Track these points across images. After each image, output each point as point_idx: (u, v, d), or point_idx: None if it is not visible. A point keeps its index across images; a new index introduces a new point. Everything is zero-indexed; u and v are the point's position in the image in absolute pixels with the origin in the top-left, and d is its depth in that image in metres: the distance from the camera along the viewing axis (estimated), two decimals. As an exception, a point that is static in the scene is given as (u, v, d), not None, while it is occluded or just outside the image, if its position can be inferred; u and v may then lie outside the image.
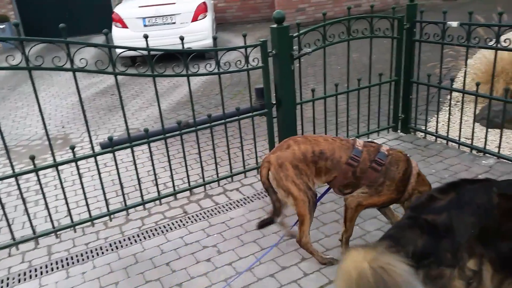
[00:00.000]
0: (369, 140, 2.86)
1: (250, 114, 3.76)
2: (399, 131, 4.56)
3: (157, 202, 3.53)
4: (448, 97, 4.96)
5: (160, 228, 3.26)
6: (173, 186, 3.54)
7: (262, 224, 2.85)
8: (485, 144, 3.86)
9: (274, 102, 3.79)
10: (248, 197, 3.62)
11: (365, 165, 2.62)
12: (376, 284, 1.47)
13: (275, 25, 3.51)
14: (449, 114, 4.19)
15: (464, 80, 3.98)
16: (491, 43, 3.64)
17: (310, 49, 3.64)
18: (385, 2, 12.01)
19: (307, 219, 2.63)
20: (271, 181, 2.65)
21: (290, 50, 3.60)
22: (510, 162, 3.67)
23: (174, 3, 8.20)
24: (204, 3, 8.39)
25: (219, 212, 3.42)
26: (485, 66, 4.73)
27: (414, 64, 4.24)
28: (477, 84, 3.74)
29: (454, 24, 3.68)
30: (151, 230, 3.24)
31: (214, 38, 3.63)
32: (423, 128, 4.45)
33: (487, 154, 3.84)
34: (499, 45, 3.46)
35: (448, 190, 1.97)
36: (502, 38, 3.45)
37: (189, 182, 3.61)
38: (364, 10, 11.45)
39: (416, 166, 2.69)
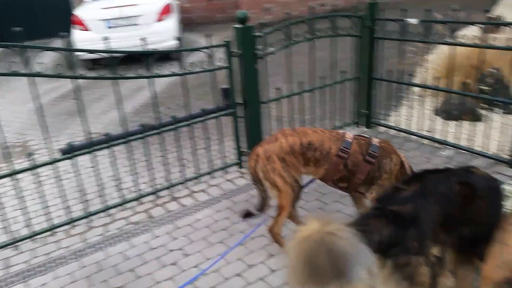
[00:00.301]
0: (360, 134, 2.92)
1: (216, 114, 3.74)
2: (362, 126, 4.64)
3: (121, 207, 3.44)
4: (410, 92, 5.11)
5: (124, 234, 3.18)
6: (138, 190, 3.47)
7: (246, 214, 2.90)
8: (445, 136, 3.98)
9: (240, 102, 3.79)
10: (215, 198, 3.58)
11: (356, 158, 2.64)
12: (319, 245, 1.50)
13: (238, 25, 3.51)
14: (411, 108, 4.30)
15: (424, 75, 4.09)
16: (449, 39, 3.74)
17: (274, 48, 3.67)
18: (349, 1, 12.22)
19: (285, 211, 2.66)
20: (259, 173, 2.67)
21: (254, 49, 3.61)
22: (468, 152, 3.80)
23: (138, 4, 8.06)
24: (168, 4, 8.28)
25: (186, 215, 3.36)
26: (443, 61, 4.87)
27: (375, 61, 4.33)
28: (436, 79, 3.85)
29: (413, 21, 3.77)
30: (115, 237, 3.16)
31: (178, 39, 3.59)
32: (386, 122, 4.55)
33: (446, 146, 3.97)
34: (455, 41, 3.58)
35: (412, 181, 2.02)
36: (460, 33, 3.57)
37: (154, 185, 3.55)
38: (330, 9, 11.61)
39: (405, 158, 2.75)
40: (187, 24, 11.76)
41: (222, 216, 3.30)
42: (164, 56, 3.41)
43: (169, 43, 7.80)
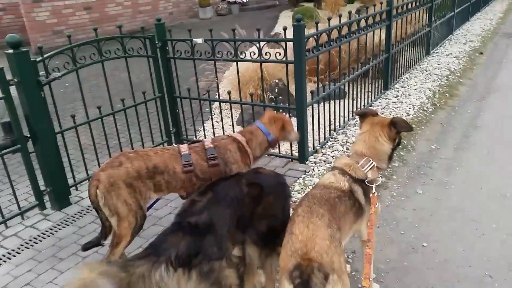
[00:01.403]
0: (191, 140, 2.87)
1: (-1, 153, 3.24)
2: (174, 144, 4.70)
3: None
4: (213, 106, 5.42)
5: None
6: None
7: (88, 247, 2.65)
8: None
9: (28, 136, 3.37)
10: (14, 250, 3.11)
11: (201, 165, 2.59)
12: None
13: (11, 51, 3.13)
14: (212, 121, 4.55)
15: (218, 91, 4.38)
16: (242, 56, 4.08)
17: (59, 73, 3.39)
18: (146, 22, 12.30)
19: (124, 242, 2.47)
20: (99, 200, 2.41)
21: (36, 76, 3.27)
22: (266, 155, 4.22)
23: None
24: None
25: (-27, 279, 2.82)
26: (235, 77, 5.33)
27: (173, 80, 4.44)
28: (228, 93, 4.18)
29: (199, 40, 4.01)
30: None
31: None
32: (194, 138, 4.71)
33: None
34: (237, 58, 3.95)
35: (206, 191, 2.13)
36: (250, 50, 3.93)
37: None
38: (127, 30, 11.45)
39: (240, 137, 2.76)
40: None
41: (23, 270, 2.89)
42: None
43: None
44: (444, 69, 6.93)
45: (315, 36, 3.86)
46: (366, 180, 2.19)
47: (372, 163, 2.22)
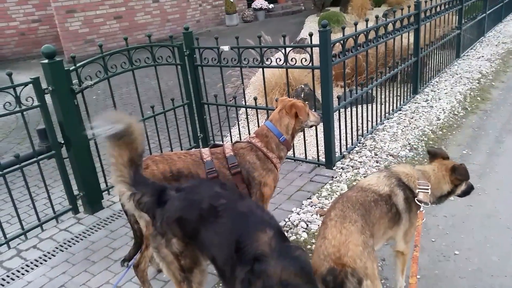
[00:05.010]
0: (213, 144, 2.85)
1: (35, 159, 3.37)
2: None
3: None
4: (239, 112, 5.47)
5: None
6: None
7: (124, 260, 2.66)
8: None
9: (62, 142, 3.50)
10: (49, 253, 3.22)
11: (224, 173, 2.58)
12: None
13: (45, 61, 3.26)
14: (238, 127, 4.59)
15: (244, 97, 4.42)
16: (268, 62, 4.10)
17: (91, 81, 3.51)
18: (174, 30, 12.54)
19: None
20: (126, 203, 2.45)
21: (70, 84, 3.40)
22: (292, 160, 4.23)
23: None
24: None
25: (13, 280, 2.93)
26: (261, 83, 5.36)
27: (201, 86, 4.51)
28: (255, 99, 4.21)
29: (226, 48, 4.06)
30: None
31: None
32: (222, 143, 4.74)
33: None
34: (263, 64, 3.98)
35: (183, 188, 2.13)
36: (276, 56, 3.94)
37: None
38: (156, 38, 11.72)
39: (259, 143, 2.70)
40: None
41: (58, 272, 2.98)
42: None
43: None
44: (475, 72, 6.75)
45: (342, 41, 3.84)
46: (416, 198, 2.18)
47: (429, 190, 2.22)
